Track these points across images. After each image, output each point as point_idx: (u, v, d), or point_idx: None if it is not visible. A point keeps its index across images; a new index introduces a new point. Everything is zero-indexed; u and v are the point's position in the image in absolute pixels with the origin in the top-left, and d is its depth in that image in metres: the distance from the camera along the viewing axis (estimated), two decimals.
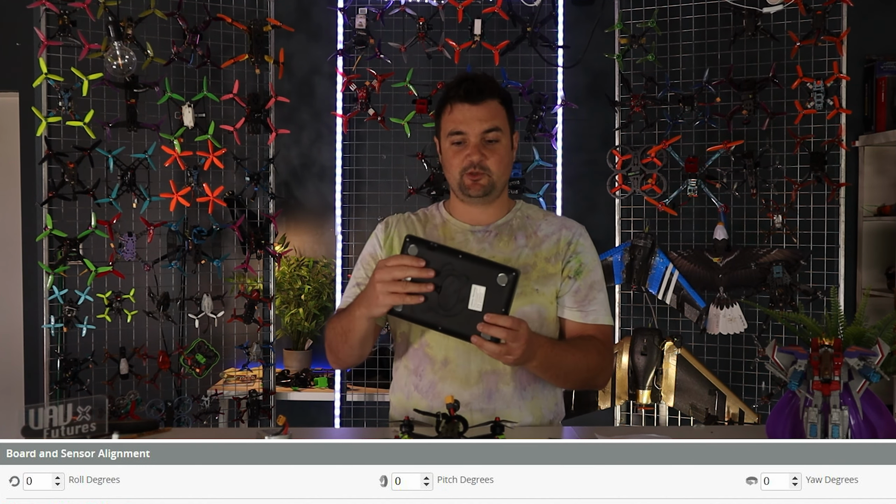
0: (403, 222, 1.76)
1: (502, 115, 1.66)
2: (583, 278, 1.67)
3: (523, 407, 1.64)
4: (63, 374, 2.75)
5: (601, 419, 3.11)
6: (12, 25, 3.30)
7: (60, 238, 2.71)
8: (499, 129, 1.64)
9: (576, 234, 1.70)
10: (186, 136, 2.85)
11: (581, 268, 1.67)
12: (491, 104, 1.64)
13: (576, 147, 3.25)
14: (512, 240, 1.69)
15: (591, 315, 1.66)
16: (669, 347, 2.84)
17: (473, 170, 1.63)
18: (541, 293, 1.65)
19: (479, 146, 1.62)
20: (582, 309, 1.66)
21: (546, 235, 1.69)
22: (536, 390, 1.66)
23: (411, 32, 2.94)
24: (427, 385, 1.65)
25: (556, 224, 1.72)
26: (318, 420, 3.29)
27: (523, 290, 1.61)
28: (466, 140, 1.63)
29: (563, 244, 1.68)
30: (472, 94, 1.63)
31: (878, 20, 3.31)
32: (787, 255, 2.83)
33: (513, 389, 1.63)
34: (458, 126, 1.63)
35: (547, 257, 1.67)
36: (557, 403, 1.72)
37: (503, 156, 1.65)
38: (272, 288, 3.03)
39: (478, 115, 1.63)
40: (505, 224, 1.71)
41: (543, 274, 1.66)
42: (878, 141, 3.24)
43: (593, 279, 1.68)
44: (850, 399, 1.26)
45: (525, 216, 1.74)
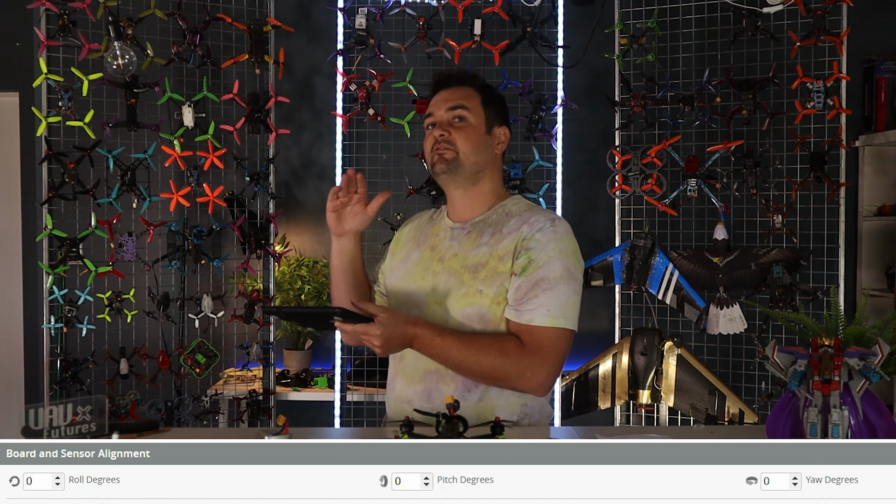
0: (416, 220, 1.84)
1: (474, 98, 1.69)
2: (527, 275, 1.56)
3: (466, 409, 1.51)
4: (63, 374, 2.75)
5: (601, 419, 3.11)
6: (12, 25, 3.30)
7: (60, 238, 2.71)
8: (465, 107, 1.67)
9: (534, 229, 1.59)
10: (186, 136, 2.85)
11: (529, 265, 1.57)
12: (462, 90, 1.70)
13: (576, 147, 3.25)
14: (479, 237, 1.66)
15: (526, 315, 1.55)
16: (669, 347, 2.84)
17: (438, 146, 1.66)
18: (484, 294, 1.59)
19: (444, 123, 1.67)
20: (517, 308, 1.56)
21: (508, 232, 1.62)
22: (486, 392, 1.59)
23: (411, 32, 2.94)
24: (390, 379, 1.72)
25: (523, 219, 1.63)
26: (318, 420, 3.29)
27: (467, 290, 1.60)
28: (435, 122, 1.69)
29: (519, 240, 1.60)
30: (443, 81, 1.72)
31: (878, 20, 3.31)
32: (787, 255, 2.83)
33: (453, 390, 1.59)
34: (430, 109, 1.71)
35: (501, 255, 1.60)
36: (526, 405, 1.62)
37: (470, 134, 1.66)
38: (272, 288, 3.03)
39: (445, 97, 1.69)
40: (481, 221, 1.69)
41: (492, 273, 1.60)
42: (878, 141, 3.24)
43: (541, 276, 1.56)
44: (850, 399, 1.26)
45: (505, 212, 1.68)
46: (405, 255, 1.75)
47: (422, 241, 1.75)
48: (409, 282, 1.69)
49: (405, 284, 1.70)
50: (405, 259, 1.74)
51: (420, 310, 1.64)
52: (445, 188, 1.72)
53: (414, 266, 1.71)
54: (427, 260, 1.69)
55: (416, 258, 1.72)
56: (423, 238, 1.75)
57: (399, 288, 1.71)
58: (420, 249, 1.73)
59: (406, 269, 1.72)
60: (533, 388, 1.58)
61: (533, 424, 1.65)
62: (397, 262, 1.76)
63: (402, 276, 1.72)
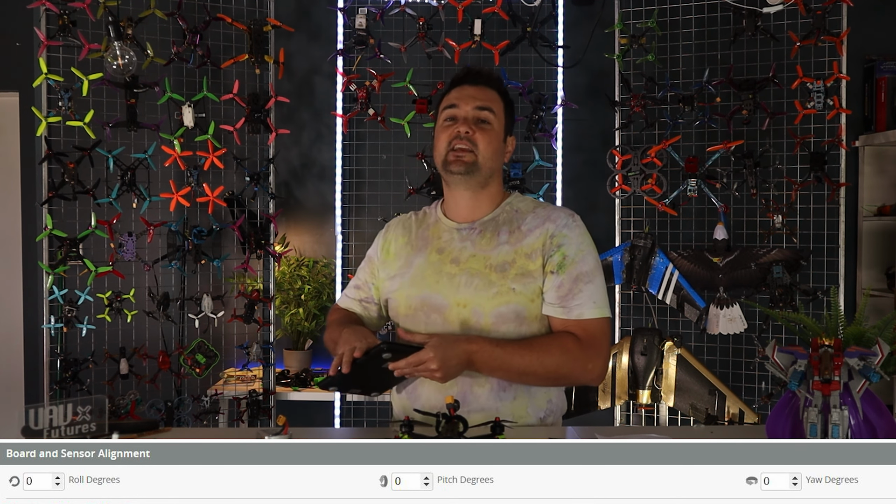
0: (402, 224, 1.77)
1: (499, 104, 1.67)
2: (566, 272, 1.59)
3: (501, 409, 1.59)
4: (63, 374, 2.75)
5: (601, 419, 3.11)
6: (12, 25, 3.30)
7: (60, 238, 2.71)
8: (492, 110, 1.64)
9: (560, 226, 1.62)
10: (186, 136, 2.85)
11: (564, 261, 1.60)
12: (489, 91, 1.66)
13: (576, 147, 3.26)
14: (495, 236, 1.65)
15: (575, 311, 1.59)
16: (669, 347, 2.84)
17: (460, 142, 1.62)
18: (518, 292, 1.59)
19: (470, 121, 1.63)
20: (564, 305, 1.59)
21: (529, 230, 1.64)
22: (519, 391, 1.62)
23: (411, 32, 2.94)
24: (411, 387, 1.66)
25: (541, 217, 1.65)
26: (318, 420, 3.29)
27: (499, 289, 1.59)
28: (457, 116, 1.64)
29: (546, 238, 1.62)
30: (473, 77, 1.68)
31: (878, 20, 3.31)
32: (787, 255, 2.83)
33: (488, 392, 1.60)
34: (453, 100, 1.66)
35: (528, 253, 1.61)
36: (550, 401, 1.66)
37: (492, 140, 1.64)
38: (272, 288, 3.03)
39: (473, 94, 1.65)
40: (491, 220, 1.68)
41: (522, 271, 1.60)
42: (878, 141, 3.24)
43: (579, 271, 1.60)
44: (850, 399, 1.26)
45: (514, 210, 1.69)
46: (406, 262, 1.70)
47: (421, 245, 1.70)
48: (420, 287, 1.64)
49: (416, 291, 1.65)
50: (407, 265, 1.69)
51: (440, 314, 1.61)
52: (454, 188, 1.68)
53: (421, 271, 1.66)
54: (437, 263, 1.65)
55: (422, 263, 1.67)
56: (423, 242, 1.70)
57: (408, 295, 1.66)
58: (424, 253, 1.68)
59: (412, 275, 1.66)
60: (594, 378, 1.63)
61: (556, 421, 1.69)
62: (397, 269, 1.71)
63: (409, 282, 1.66)
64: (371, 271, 1.77)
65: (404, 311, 1.66)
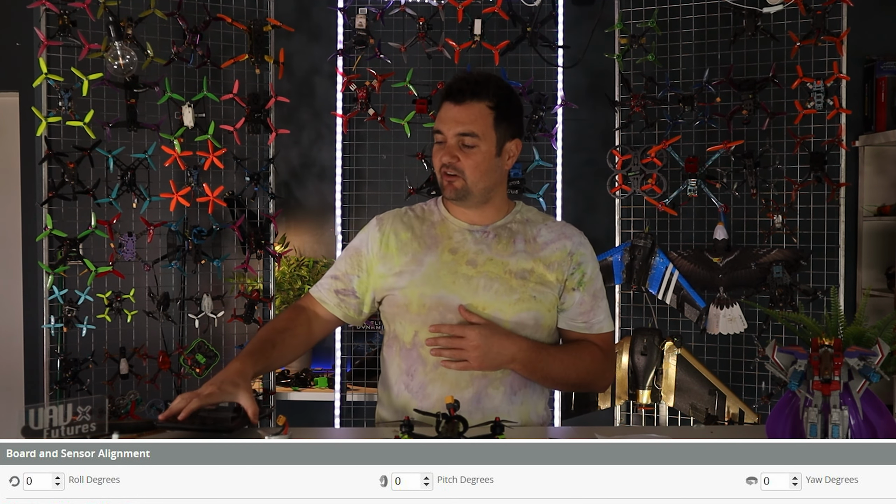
0: (400, 219, 1.75)
1: (485, 120, 1.61)
2: (586, 289, 1.68)
3: (512, 411, 1.63)
4: (63, 374, 2.75)
5: (601, 419, 3.11)
6: (12, 25, 3.30)
7: (60, 238, 2.71)
8: (475, 134, 1.60)
9: (576, 244, 1.69)
10: (186, 136, 2.85)
11: (584, 278, 1.68)
12: (474, 107, 1.61)
13: (576, 147, 3.25)
14: (511, 242, 1.67)
15: (596, 326, 1.70)
16: (669, 347, 2.84)
17: (447, 170, 1.63)
18: (538, 300, 1.64)
19: (453, 147, 1.62)
20: (587, 321, 1.69)
21: (546, 242, 1.68)
22: (526, 395, 1.67)
23: (411, 32, 2.94)
24: (418, 386, 1.65)
25: (555, 231, 1.70)
26: (318, 420, 3.28)
27: (520, 296, 1.62)
28: (443, 140, 1.64)
29: (566, 255, 1.67)
30: (455, 93, 1.63)
31: (878, 20, 3.31)
32: (787, 255, 2.83)
33: (502, 394, 1.63)
34: (439, 125, 1.65)
35: (547, 264, 1.66)
36: (546, 408, 1.74)
37: (479, 162, 1.62)
38: (272, 288, 3.03)
39: (455, 117, 1.62)
40: (503, 226, 1.69)
41: (541, 281, 1.64)
42: (878, 141, 3.24)
43: (595, 287, 1.70)
44: (850, 399, 1.26)
45: (525, 220, 1.72)
46: (413, 258, 1.67)
47: (431, 242, 1.68)
48: (435, 287, 1.63)
49: (431, 290, 1.63)
50: (416, 262, 1.66)
51: (457, 315, 1.61)
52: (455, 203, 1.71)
53: (435, 270, 1.64)
54: (451, 263, 1.64)
55: (434, 261, 1.65)
56: (432, 240, 1.68)
57: (422, 294, 1.64)
58: (435, 252, 1.66)
59: (425, 274, 1.64)
60: (606, 385, 1.81)
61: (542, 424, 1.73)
62: (402, 265, 1.67)
63: (421, 280, 1.64)
64: (356, 264, 1.73)
65: (416, 310, 1.64)
